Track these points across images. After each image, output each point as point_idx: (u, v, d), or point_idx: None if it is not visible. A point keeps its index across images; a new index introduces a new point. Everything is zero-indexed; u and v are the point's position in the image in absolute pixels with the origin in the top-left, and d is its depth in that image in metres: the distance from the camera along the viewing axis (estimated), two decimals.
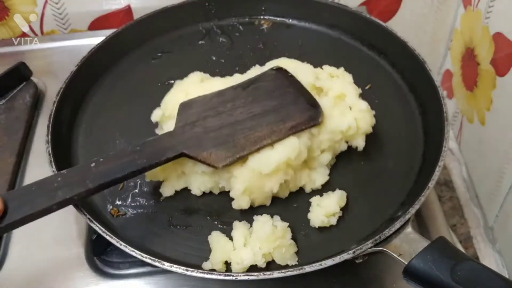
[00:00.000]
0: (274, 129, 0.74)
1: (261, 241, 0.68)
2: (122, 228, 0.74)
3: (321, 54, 0.93)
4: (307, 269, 0.64)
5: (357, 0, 1.18)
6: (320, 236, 0.73)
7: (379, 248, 0.66)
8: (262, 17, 1.04)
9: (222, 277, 0.65)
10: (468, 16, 1.12)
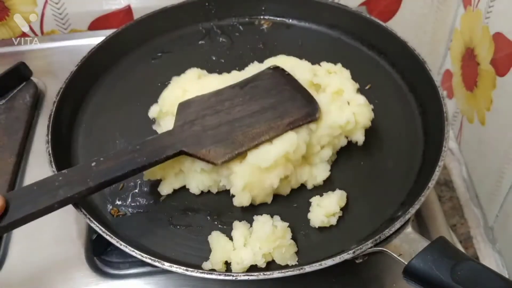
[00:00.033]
0: (272, 126, 0.75)
1: (261, 241, 0.68)
2: (122, 228, 0.74)
3: (321, 54, 0.93)
4: (307, 269, 0.64)
5: (357, 0, 1.18)
6: (320, 236, 0.73)
7: (379, 248, 0.66)
8: (262, 17, 1.04)
9: (222, 277, 0.66)
10: (468, 16, 1.12)
